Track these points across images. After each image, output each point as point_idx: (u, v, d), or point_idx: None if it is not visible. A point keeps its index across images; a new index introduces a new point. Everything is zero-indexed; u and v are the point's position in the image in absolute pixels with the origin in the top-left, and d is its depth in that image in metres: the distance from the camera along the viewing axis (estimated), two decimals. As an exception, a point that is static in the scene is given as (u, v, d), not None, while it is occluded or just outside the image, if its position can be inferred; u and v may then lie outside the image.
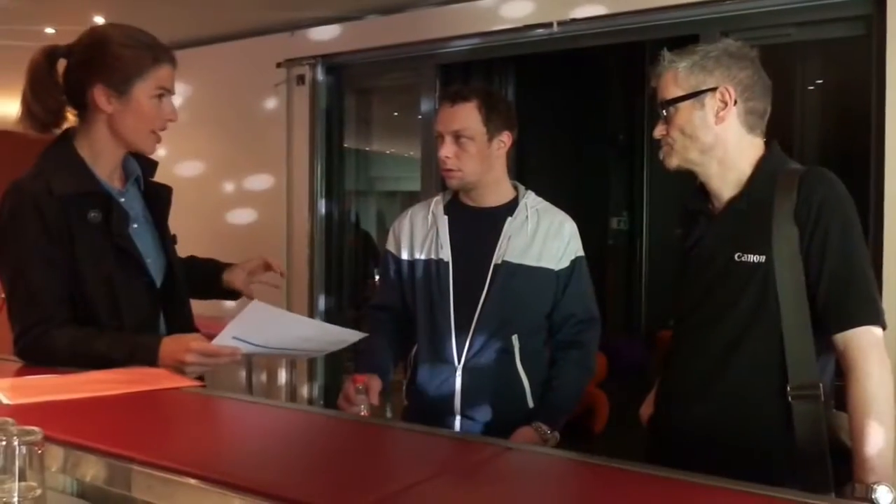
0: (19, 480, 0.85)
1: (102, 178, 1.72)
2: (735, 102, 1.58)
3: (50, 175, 1.64)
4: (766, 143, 1.63)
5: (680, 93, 1.60)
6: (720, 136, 1.59)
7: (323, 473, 1.01)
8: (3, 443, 0.85)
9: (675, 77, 1.60)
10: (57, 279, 1.62)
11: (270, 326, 1.57)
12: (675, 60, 1.62)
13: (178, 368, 1.52)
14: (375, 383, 1.94)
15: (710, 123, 1.58)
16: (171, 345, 1.56)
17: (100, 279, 1.64)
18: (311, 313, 4.78)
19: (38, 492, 0.86)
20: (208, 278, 2.01)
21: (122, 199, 1.75)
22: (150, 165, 1.86)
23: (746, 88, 1.59)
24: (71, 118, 1.73)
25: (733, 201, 1.60)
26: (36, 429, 0.88)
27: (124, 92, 1.66)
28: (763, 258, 1.51)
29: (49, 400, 1.29)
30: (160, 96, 1.70)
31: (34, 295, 1.62)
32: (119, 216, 1.70)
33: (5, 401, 1.25)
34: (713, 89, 1.58)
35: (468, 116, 1.99)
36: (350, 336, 1.70)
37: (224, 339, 1.51)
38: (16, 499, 0.85)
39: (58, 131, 1.72)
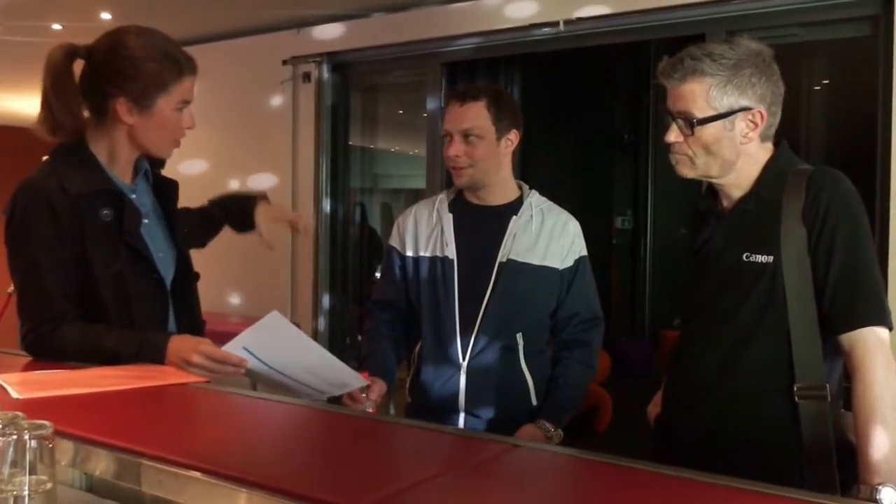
0: (30, 474, 0.86)
1: (115, 176, 1.72)
2: (763, 120, 1.54)
3: (63, 174, 1.64)
4: (776, 143, 1.62)
5: (711, 112, 1.52)
6: (742, 152, 1.56)
7: (330, 469, 1.01)
8: (14, 437, 0.85)
9: (706, 93, 1.52)
10: (68, 277, 1.62)
11: (282, 344, 1.55)
12: (704, 70, 1.51)
13: (183, 367, 1.52)
14: (379, 385, 1.94)
15: (737, 143, 1.54)
16: (179, 343, 1.56)
17: (111, 277, 1.65)
18: (316, 311, 4.79)
19: (49, 485, 0.86)
20: (245, 214, 2.02)
21: (133, 196, 1.76)
22: (158, 158, 1.86)
23: (772, 103, 1.55)
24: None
25: (742, 201, 1.59)
26: (46, 423, 0.88)
27: (148, 106, 1.65)
28: (771, 258, 1.50)
29: (58, 395, 1.30)
30: (181, 108, 1.70)
31: (45, 293, 1.62)
32: (131, 215, 1.69)
33: (15, 395, 1.26)
34: (745, 109, 1.53)
35: (478, 115, 1.99)
36: (353, 381, 1.68)
37: (234, 347, 1.50)
38: (26, 492, 0.85)
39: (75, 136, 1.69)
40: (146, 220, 1.76)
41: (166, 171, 1.91)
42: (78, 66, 1.68)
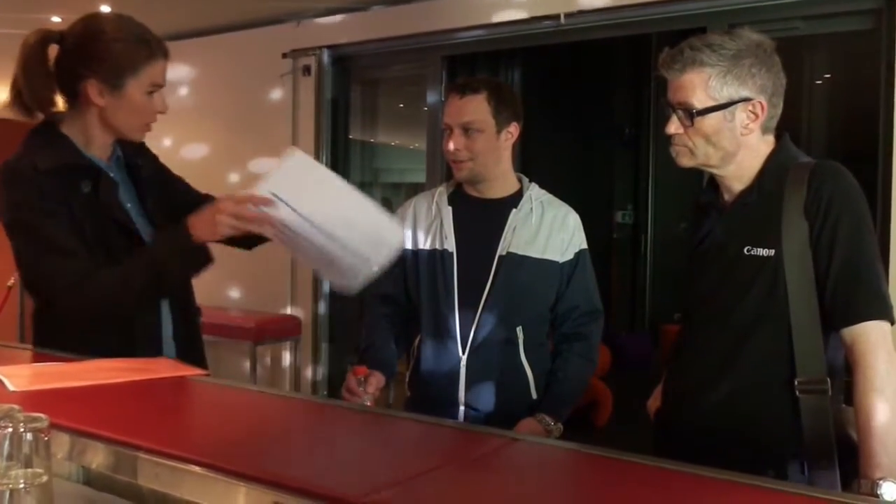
0: (25, 467, 0.85)
1: (93, 156, 1.72)
2: (763, 111, 1.53)
3: (34, 153, 1.65)
4: (777, 136, 1.61)
5: (710, 103, 1.52)
6: (743, 143, 1.55)
7: (328, 463, 1.01)
8: (10, 430, 0.85)
9: (706, 83, 1.51)
10: (74, 235, 1.62)
11: (311, 184, 1.51)
12: (704, 60, 1.52)
13: (212, 225, 1.56)
14: (377, 378, 1.93)
15: (737, 134, 1.54)
16: (199, 215, 1.59)
17: (105, 252, 1.65)
18: (316, 303, 4.79)
19: (45, 478, 0.86)
20: None
21: (112, 175, 1.75)
22: (135, 147, 1.83)
23: (773, 95, 1.54)
24: (59, 103, 1.72)
25: (743, 194, 1.59)
26: (42, 416, 0.88)
27: (117, 87, 1.66)
28: (773, 252, 1.50)
29: (55, 387, 1.29)
30: (152, 92, 1.70)
31: (60, 251, 1.61)
32: (106, 185, 1.70)
33: (11, 388, 1.26)
34: (746, 100, 1.52)
35: (478, 108, 1.98)
36: (391, 234, 1.58)
37: (261, 190, 1.49)
38: (22, 485, 0.85)
39: (41, 116, 1.70)
40: (129, 205, 1.76)
41: (167, 163, 1.89)
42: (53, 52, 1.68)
